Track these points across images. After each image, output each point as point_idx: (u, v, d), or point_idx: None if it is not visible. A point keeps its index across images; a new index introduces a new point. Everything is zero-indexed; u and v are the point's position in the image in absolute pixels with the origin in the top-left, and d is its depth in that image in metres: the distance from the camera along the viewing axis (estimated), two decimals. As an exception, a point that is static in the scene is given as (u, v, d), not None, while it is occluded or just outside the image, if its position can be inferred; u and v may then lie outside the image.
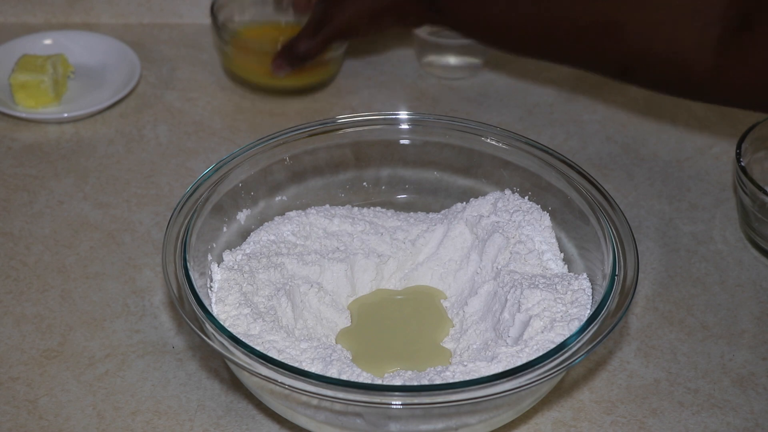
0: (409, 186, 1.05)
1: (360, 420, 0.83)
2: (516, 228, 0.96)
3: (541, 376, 0.79)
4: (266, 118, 1.24)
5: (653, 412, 0.92)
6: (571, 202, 0.95)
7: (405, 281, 0.98)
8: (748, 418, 0.91)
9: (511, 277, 0.91)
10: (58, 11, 1.38)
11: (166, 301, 1.01)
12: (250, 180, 0.98)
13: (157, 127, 1.23)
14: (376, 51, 1.35)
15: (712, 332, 0.99)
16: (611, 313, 0.84)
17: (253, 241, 0.97)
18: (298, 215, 0.99)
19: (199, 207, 0.92)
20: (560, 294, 0.89)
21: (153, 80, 1.29)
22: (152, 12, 1.38)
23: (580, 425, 0.91)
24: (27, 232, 1.08)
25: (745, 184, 1.03)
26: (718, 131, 1.21)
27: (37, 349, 0.96)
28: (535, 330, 0.86)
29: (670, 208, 1.12)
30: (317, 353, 0.85)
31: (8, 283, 1.03)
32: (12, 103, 1.23)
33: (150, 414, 0.91)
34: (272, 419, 0.91)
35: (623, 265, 0.87)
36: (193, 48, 1.34)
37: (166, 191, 1.14)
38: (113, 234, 1.09)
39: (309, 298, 0.93)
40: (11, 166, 1.17)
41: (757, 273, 1.04)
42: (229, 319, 0.88)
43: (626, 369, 0.95)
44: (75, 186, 1.15)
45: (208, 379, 0.94)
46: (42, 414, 0.91)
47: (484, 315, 0.92)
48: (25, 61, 1.24)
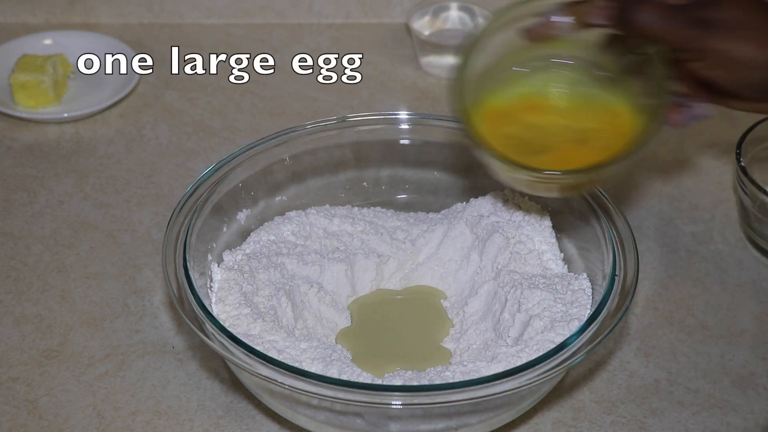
0: (409, 186, 1.05)
1: (360, 420, 0.83)
2: (516, 228, 0.96)
3: (541, 376, 0.79)
4: (266, 118, 1.24)
5: (653, 412, 0.92)
6: (571, 202, 0.95)
7: (405, 281, 0.98)
8: (748, 418, 0.91)
9: (511, 277, 0.91)
10: (58, 11, 1.38)
11: (166, 301, 1.01)
12: (250, 180, 0.98)
13: (157, 127, 1.23)
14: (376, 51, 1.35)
15: (712, 332, 0.99)
16: (611, 313, 0.84)
17: (253, 241, 0.97)
18: (298, 215, 0.99)
19: (199, 207, 0.92)
20: (560, 294, 0.89)
21: (153, 80, 1.29)
22: (152, 12, 1.38)
23: (580, 425, 0.91)
24: (27, 232, 1.08)
25: (745, 184, 1.03)
26: (718, 131, 1.21)
27: (37, 349, 0.96)
28: (535, 330, 0.86)
29: (670, 208, 1.12)
30: (317, 353, 0.85)
31: (8, 283, 1.03)
32: (12, 103, 1.23)
33: (150, 414, 0.91)
34: (272, 419, 0.91)
35: (623, 265, 0.87)
36: (193, 48, 1.34)
37: (166, 191, 1.14)
38: (113, 234, 1.09)
39: (309, 298, 0.93)
40: (11, 166, 1.17)
41: (757, 273, 1.04)
42: (229, 319, 0.88)
43: (626, 369, 0.95)
44: (75, 186, 1.15)
45: (208, 379, 0.94)
46: (42, 414, 0.91)
47: (484, 315, 0.92)
48: (25, 61, 1.24)
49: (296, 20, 1.40)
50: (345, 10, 1.39)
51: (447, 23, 1.34)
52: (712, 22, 0.78)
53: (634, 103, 0.83)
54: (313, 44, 1.36)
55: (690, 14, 0.79)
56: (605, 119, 0.84)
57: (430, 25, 1.33)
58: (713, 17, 0.78)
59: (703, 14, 0.79)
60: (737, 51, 0.78)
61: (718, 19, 0.79)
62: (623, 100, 0.84)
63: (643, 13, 0.79)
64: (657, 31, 0.79)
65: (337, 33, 1.38)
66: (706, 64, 0.80)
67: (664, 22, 0.78)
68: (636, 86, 0.83)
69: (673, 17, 0.79)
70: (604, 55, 0.83)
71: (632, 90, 0.83)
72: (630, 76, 0.83)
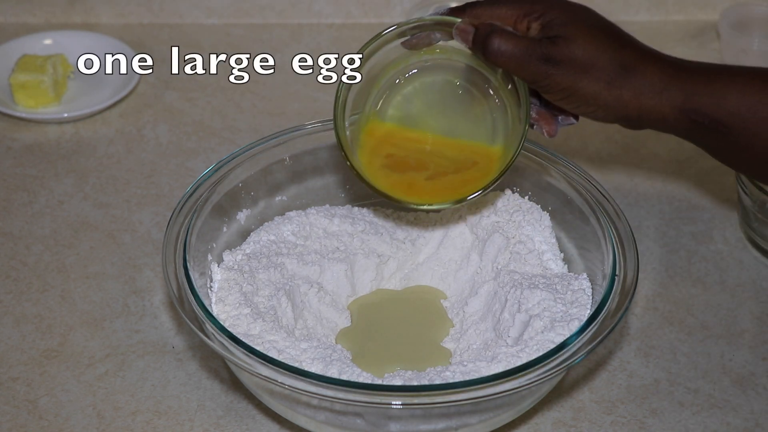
0: (409, 186, 1.04)
1: (360, 420, 0.83)
2: (516, 228, 0.96)
3: (541, 376, 0.79)
4: (266, 118, 1.24)
5: (653, 412, 0.92)
6: (571, 202, 0.95)
7: (405, 281, 0.98)
8: (748, 418, 0.91)
9: (511, 277, 0.91)
10: (58, 11, 1.38)
11: (166, 301, 1.01)
12: (250, 180, 0.98)
13: (157, 127, 1.23)
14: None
15: (712, 332, 0.99)
16: (611, 313, 0.84)
17: (253, 241, 0.97)
18: (298, 215, 0.99)
19: (199, 207, 0.92)
20: (560, 294, 0.89)
21: (153, 80, 1.29)
22: (152, 12, 1.38)
23: (580, 425, 0.91)
24: (27, 232, 1.08)
25: (745, 184, 1.03)
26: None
27: (37, 349, 0.96)
28: (535, 330, 0.86)
29: (670, 208, 1.12)
30: (317, 353, 0.85)
31: (8, 283, 1.03)
32: (12, 103, 1.23)
33: (150, 414, 0.91)
34: (272, 419, 0.91)
35: (623, 265, 0.87)
36: (193, 48, 1.34)
37: (166, 191, 1.14)
38: (113, 234, 1.08)
39: (309, 298, 0.93)
40: (11, 166, 1.17)
41: (757, 273, 1.04)
42: (229, 319, 0.88)
43: (626, 369, 0.95)
44: (75, 186, 1.15)
45: (208, 379, 0.94)
46: (42, 414, 0.91)
47: (484, 315, 0.92)
48: (25, 61, 1.24)
49: (296, 20, 1.40)
50: (345, 10, 1.39)
51: (447, 23, 1.34)
52: (561, 59, 0.81)
53: (502, 116, 0.88)
54: (313, 44, 1.36)
55: (541, 49, 0.81)
56: (472, 146, 0.89)
57: (430, 25, 1.33)
58: (562, 54, 0.81)
59: (553, 51, 0.81)
60: (583, 88, 0.81)
61: (568, 56, 0.81)
62: (491, 110, 0.88)
63: (496, 45, 0.82)
64: (508, 63, 0.82)
65: (337, 33, 1.38)
66: (554, 97, 0.83)
67: (516, 55, 0.82)
68: (507, 94, 0.87)
69: (524, 51, 0.81)
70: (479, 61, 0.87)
71: (503, 96, 0.87)
72: (503, 80, 0.87)
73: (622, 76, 0.81)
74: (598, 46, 0.81)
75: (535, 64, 0.81)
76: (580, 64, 0.81)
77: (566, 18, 0.82)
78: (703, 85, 0.81)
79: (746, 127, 0.80)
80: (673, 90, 0.81)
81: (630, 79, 0.81)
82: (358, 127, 0.89)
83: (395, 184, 0.88)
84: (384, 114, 0.89)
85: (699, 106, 0.81)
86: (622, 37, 0.83)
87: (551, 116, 0.87)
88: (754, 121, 0.80)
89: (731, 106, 0.80)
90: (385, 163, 0.89)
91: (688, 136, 0.83)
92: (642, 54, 0.82)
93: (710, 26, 1.39)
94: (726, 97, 0.80)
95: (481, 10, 0.85)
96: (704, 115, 0.81)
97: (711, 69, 0.82)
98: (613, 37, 0.82)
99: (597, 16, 0.84)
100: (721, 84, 0.81)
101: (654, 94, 0.81)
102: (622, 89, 0.81)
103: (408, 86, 0.90)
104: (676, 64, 0.82)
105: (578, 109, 0.83)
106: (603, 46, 0.81)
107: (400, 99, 0.90)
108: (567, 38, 0.81)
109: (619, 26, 0.84)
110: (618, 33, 0.83)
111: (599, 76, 0.81)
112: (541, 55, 0.81)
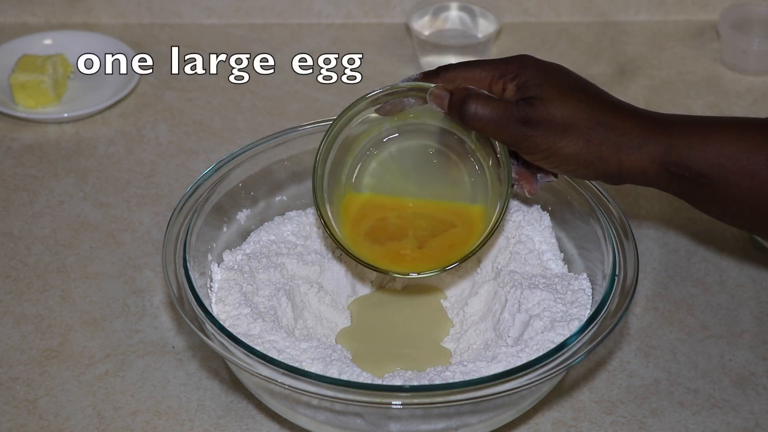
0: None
1: (360, 420, 0.83)
2: (516, 228, 0.96)
3: (541, 376, 0.79)
4: (266, 118, 1.24)
5: (653, 412, 0.92)
6: (571, 202, 0.95)
7: (405, 281, 0.98)
8: (748, 418, 0.91)
9: (511, 277, 0.91)
10: (58, 11, 1.38)
11: (166, 301, 1.01)
12: (250, 180, 0.98)
13: (157, 127, 1.23)
14: (376, 51, 1.35)
15: (712, 332, 0.99)
16: (611, 313, 0.84)
17: (253, 241, 0.97)
18: (298, 215, 0.99)
19: (199, 207, 0.92)
20: (560, 294, 0.89)
21: (153, 80, 1.29)
22: (152, 12, 1.38)
23: (580, 425, 0.91)
24: (27, 232, 1.08)
25: (745, 184, 1.02)
26: (718, 131, 1.21)
27: (37, 349, 0.96)
28: (535, 330, 0.86)
29: (670, 208, 1.12)
30: (317, 353, 0.85)
31: (8, 283, 1.03)
32: (12, 103, 1.23)
33: (150, 414, 0.91)
34: (272, 419, 0.91)
35: (623, 265, 0.87)
36: (193, 48, 1.34)
37: (166, 191, 1.14)
38: (113, 234, 1.09)
39: (309, 298, 0.93)
40: (11, 166, 1.17)
41: (757, 273, 1.04)
42: (229, 319, 0.88)
43: (626, 369, 0.95)
44: (75, 186, 1.15)
45: (208, 379, 0.94)
46: (42, 414, 0.91)
47: (484, 315, 0.92)
48: (25, 61, 1.24)
49: (296, 20, 1.40)
50: (345, 10, 1.39)
51: (447, 23, 1.34)
52: (539, 120, 0.81)
53: (479, 176, 0.87)
54: (313, 44, 1.36)
55: (519, 112, 0.81)
56: (453, 207, 0.88)
57: (429, 25, 1.33)
58: (540, 116, 0.81)
59: (531, 113, 0.81)
60: (563, 148, 0.81)
61: (546, 117, 0.81)
62: (468, 171, 0.88)
63: (473, 109, 0.81)
64: (486, 128, 0.82)
65: (337, 33, 1.38)
66: (534, 157, 0.82)
67: (494, 119, 0.81)
68: (483, 154, 0.86)
69: (502, 115, 0.81)
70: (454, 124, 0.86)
71: (479, 156, 0.87)
72: (478, 141, 0.86)
73: (600, 133, 0.81)
74: (575, 105, 0.81)
75: (514, 127, 0.81)
76: (559, 125, 0.80)
77: (541, 78, 0.82)
78: (681, 138, 0.81)
79: (726, 177, 0.80)
80: (652, 144, 0.81)
81: (608, 136, 0.81)
82: (337, 199, 0.88)
83: (380, 256, 0.87)
84: (359, 185, 0.89)
85: (678, 158, 0.80)
86: (599, 95, 0.83)
87: (531, 175, 0.87)
88: (733, 171, 0.80)
89: (710, 157, 0.80)
90: (366, 235, 0.88)
91: (669, 188, 0.83)
92: (619, 110, 0.82)
93: (710, 26, 1.39)
94: (705, 149, 0.80)
95: (455, 73, 0.84)
96: (684, 168, 0.81)
97: (688, 121, 0.82)
98: (589, 95, 0.82)
99: (572, 75, 0.83)
100: (699, 136, 0.80)
101: (633, 150, 0.81)
102: (602, 146, 0.81)
103: (383, 152, 0.89)
104: (654, 118, 0.82)
105: (559, 168, 0.83)
106: (580, 105, 0.81)
107: (376, 166, 0.89)
108: (544, 99, 0.81)
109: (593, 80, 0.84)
110: (594, 91, 0.83)
111: (578, 135, 0.81)
112: (519, 118, 0.81)
